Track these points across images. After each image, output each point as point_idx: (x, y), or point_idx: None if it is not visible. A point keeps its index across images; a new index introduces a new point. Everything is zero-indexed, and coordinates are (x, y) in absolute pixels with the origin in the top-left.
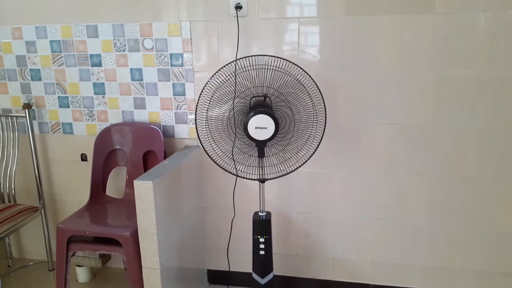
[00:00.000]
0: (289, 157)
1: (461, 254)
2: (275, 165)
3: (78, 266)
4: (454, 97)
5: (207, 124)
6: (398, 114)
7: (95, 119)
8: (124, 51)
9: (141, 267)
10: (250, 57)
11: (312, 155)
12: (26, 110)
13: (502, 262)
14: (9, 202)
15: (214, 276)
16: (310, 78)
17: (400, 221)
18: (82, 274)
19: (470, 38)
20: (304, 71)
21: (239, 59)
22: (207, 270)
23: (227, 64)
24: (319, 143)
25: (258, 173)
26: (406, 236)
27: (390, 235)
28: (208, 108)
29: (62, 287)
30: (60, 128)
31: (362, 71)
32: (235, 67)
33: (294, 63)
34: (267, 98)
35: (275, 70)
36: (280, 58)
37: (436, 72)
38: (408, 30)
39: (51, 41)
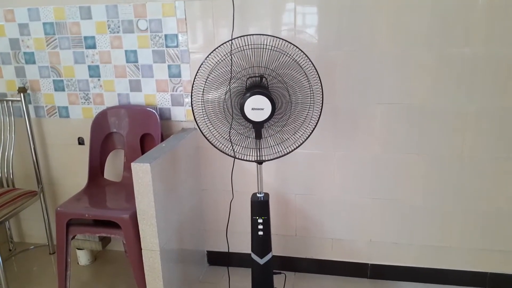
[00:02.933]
0: (286, 138)
1: (458, 233)
2: (272, 147)
3: (78, 249)
4: (452, 76)
5: (203, 105)
6: (395, 93)
7: (91, 102)
8: (118, 32)
9: (141, 249)
10: (246, 36)
11: (309, 136)
12: (21, 94)
13: (498, 240)
14: (8, 186)
15: (214, 257)
16: (306, 58)
17: (397, 200)
18: (82, 257)
19: (468, 16)
20: (300, 50)
21: (234, 38)
22: (207, 251)
23: (223, 44)
24: (316, 123)
25: (255, 155)
26: (403, 215)
27: (388, 214)
28: (204, 89)
29: (63, 270)
30: (56, 112)
31: (359, 50)
32: (231, 46)
33: (290, 42)
34: (264, 78)
35: (271, 49)
36: (277, 37)
37: (434, 51)
38: (406, 8)
39: (44, 23)
